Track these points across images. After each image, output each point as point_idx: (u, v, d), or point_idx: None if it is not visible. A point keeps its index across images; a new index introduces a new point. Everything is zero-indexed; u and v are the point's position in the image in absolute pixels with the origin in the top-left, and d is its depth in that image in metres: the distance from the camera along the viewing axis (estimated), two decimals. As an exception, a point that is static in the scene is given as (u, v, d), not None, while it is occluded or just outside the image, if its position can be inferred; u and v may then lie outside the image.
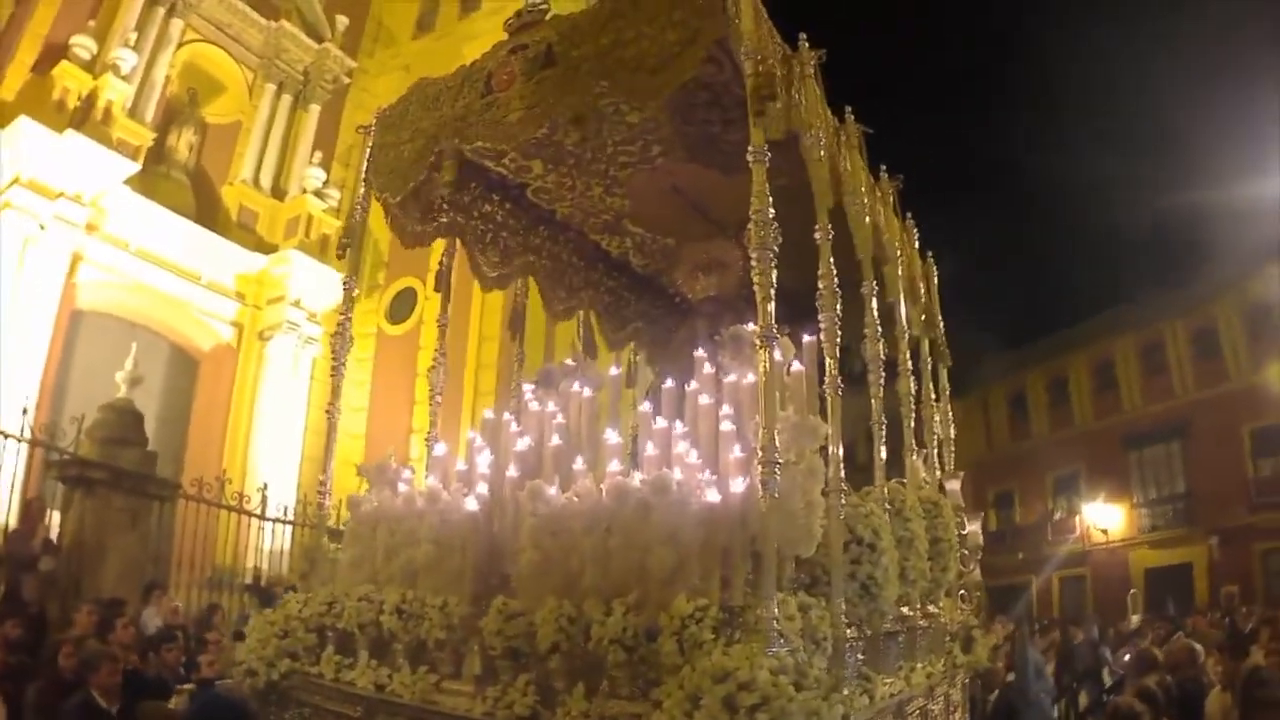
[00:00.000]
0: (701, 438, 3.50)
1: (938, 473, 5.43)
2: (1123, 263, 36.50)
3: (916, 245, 5.50)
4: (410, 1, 20.28)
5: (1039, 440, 28.42)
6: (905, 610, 4.17)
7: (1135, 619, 11.73)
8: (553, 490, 3.14)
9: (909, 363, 4.80)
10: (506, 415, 4.36)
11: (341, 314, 4.49)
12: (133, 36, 14.66)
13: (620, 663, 2.67)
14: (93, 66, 14.01)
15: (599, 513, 2.88)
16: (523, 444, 3.81)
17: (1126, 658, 9.05)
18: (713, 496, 2.84)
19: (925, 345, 5.48)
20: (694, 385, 3.83)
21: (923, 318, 5.46)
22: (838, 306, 3.54)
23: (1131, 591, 12.49)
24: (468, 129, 4.03)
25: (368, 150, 4.62)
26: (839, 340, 3.59)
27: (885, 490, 3.98)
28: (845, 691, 3.13)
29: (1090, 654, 9.11)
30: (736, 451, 3.05)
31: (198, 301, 16.08)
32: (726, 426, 3.25)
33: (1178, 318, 25.20)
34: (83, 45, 13.87)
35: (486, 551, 3.30)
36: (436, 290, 5.13)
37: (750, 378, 3.62)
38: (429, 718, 3.07)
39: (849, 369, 4.36)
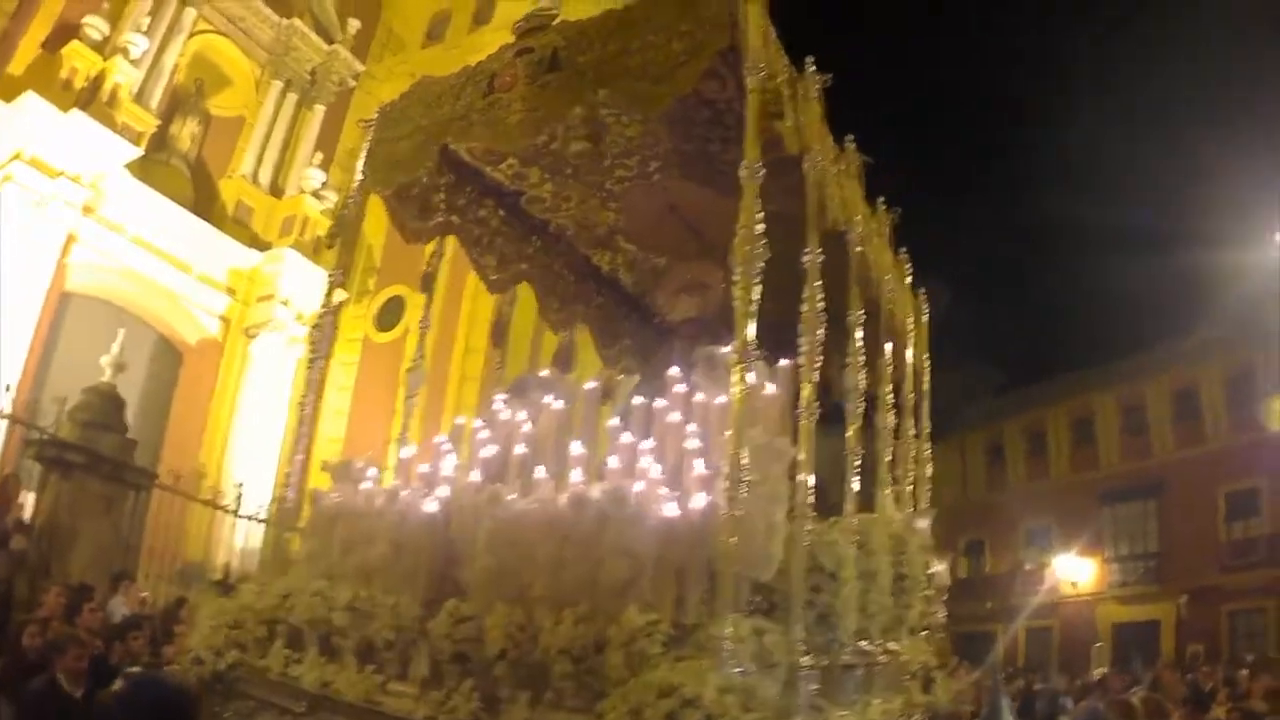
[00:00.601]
0: (668, 455, 3.46)
1: (910, 510, 5.40)
2: (1107, 319, 36.71)
3: (909, 280, 5.48)
4: (422, 10, 20.41)
5: (1014, 490, 28.44)
6: (864, 644, 4.12)
7: (1099, 671, 11.72)
8: (513, 497, 3.10)
9: (890, 397, 4.79)
10: (477, 422, 4.34)
11: (324, 306, 4.48)
12: (145, 21, 14.75)
13: (567, 673, 2.60)
14: (103, 48, 14.07)
15: (556, 521, 2.84)
16: (488, 451, 3.77)
17: (1087, 709, 9.02)
18: (671, 511, 2.80)
19: (909, 381, 5.45)
20: (663, 402, 3.80)
21: (909, 353, 5.44)
22: (820, 332, 3.52)
23: (1097, 645, 12.46)
24: (467, 128, 4.02)
25: (367, 144, 4.61)
26: (818, 369, 3.56)
27: (853, 522, 3.93)
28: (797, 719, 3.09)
29: (1050, 703, 9.07)
30: (700, 469, 3.01)
31: (187, 293, 16.02)
32: (693, 444, 3.21)
33: (1159, 377, 25.39)
34: (95, 26, 13.95)
35: (443, 554, 3.24)
36: (423, 292, 5.11)
37: (721, 399, 3.60)
38: (371, 718, 3.00)
39: (830, 402, 4.34)
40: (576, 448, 3.46)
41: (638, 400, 4.09)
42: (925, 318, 5.90)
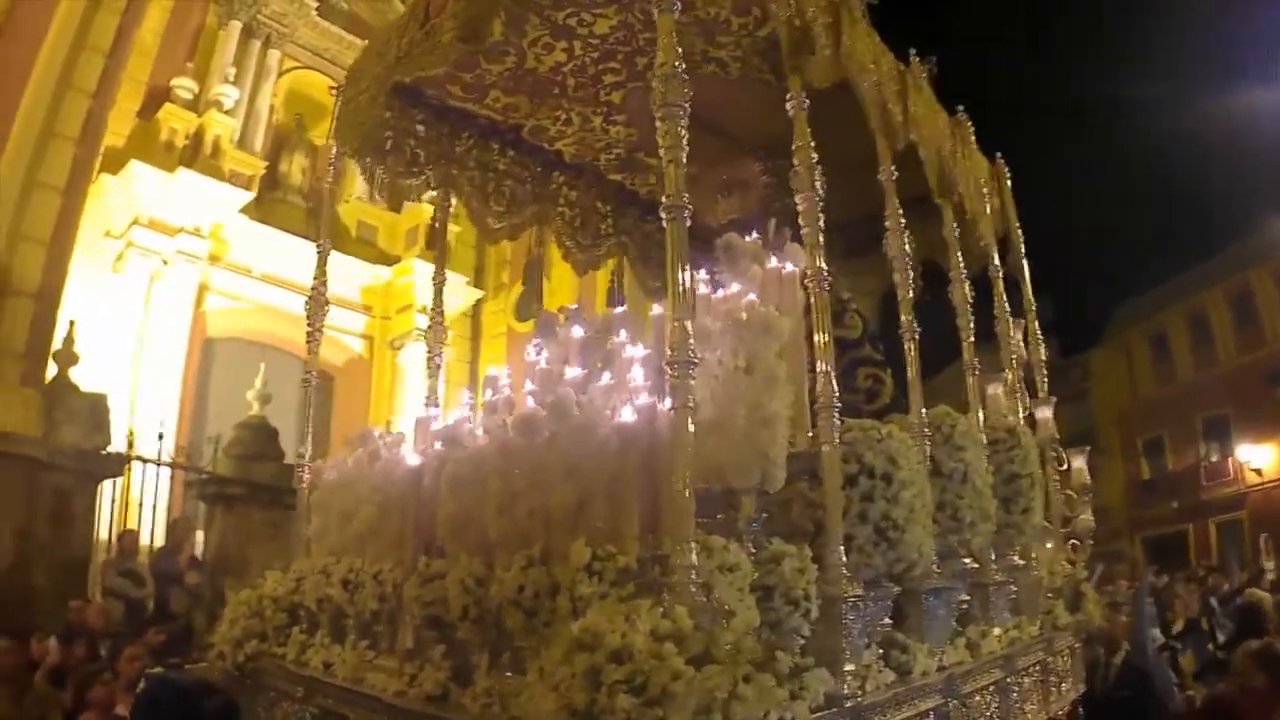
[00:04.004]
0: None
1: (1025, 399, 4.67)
2: (1247, 188, 32.58)
3: (973, 141, 4.71)
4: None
5: (1184, 382, 25.96)
6: (967, 561, 3.47)
7: (1270, 565, 10.08)
8: (479, 432, 2.71)
9: (960, 268, 4.09)
10: (505, 369, 4.04)
11: (316, 278, 4.33)
12: (231, 72, 15.07)
13: (521, 628, 2.18)
14: (196, 105, 14.47)
15: (507, 449, 2.40)
16: (492, 395, 3.41)
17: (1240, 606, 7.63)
18: (629, 417, 2.29)
19: (998, 255, 4.71)
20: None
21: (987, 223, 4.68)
22: (816, 183, 2.96)
23: (1263, 536, 10.77)
24: (411, 62, 3.72)
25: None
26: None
27: (923, 414, 3.30)
28: (850, 666, 2.53)
29: (1200, 606, 7.59)
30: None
31: (326, 318, 16.48)
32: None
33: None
34: (184, 86, 14.34)
35: (428, 511, 2.88)
36: (429, 249, 4.84)
37: (736, 286, 3.09)
38: (351, 698, 2.68)
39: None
40: (571, 373, 3.05)
41: (656, 311, 3.62)
42: (1009, 182, 5.11)
